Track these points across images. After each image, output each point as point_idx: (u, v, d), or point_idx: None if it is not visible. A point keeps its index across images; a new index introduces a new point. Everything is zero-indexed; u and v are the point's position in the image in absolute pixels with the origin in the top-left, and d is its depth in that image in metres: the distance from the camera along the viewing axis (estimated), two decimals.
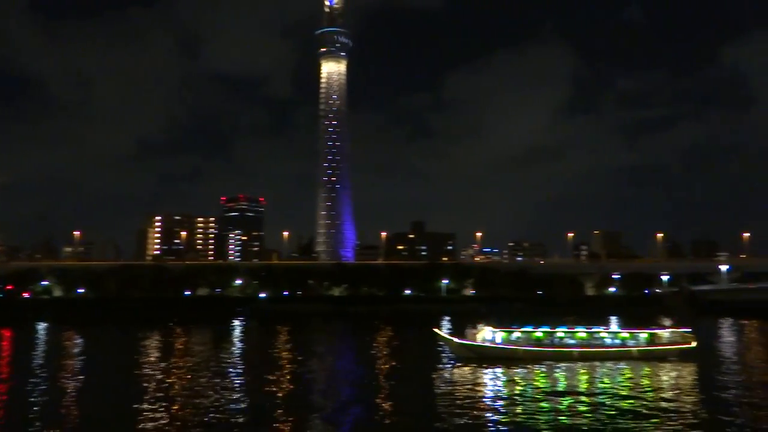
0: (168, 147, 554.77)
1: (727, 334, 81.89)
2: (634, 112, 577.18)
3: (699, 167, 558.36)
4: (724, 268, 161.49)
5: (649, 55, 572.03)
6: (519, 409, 33.60)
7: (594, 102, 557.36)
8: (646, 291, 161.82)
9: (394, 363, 53.69)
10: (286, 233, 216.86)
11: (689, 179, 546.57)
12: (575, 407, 33.86)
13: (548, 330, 53.48)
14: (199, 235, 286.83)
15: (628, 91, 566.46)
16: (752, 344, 70.22)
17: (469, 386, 40.44)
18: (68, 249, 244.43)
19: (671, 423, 30.27)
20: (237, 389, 40.61)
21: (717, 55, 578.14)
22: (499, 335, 53.16)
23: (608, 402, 35.17)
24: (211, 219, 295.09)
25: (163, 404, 34.81)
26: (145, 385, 41.26)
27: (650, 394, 37.57)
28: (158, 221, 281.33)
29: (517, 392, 38.92)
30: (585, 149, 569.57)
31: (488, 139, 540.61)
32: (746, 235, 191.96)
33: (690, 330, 55.78)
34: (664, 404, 34.48)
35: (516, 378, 43.68)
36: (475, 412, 32.64)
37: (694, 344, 53.61)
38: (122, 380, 45.02)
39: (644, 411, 32.85)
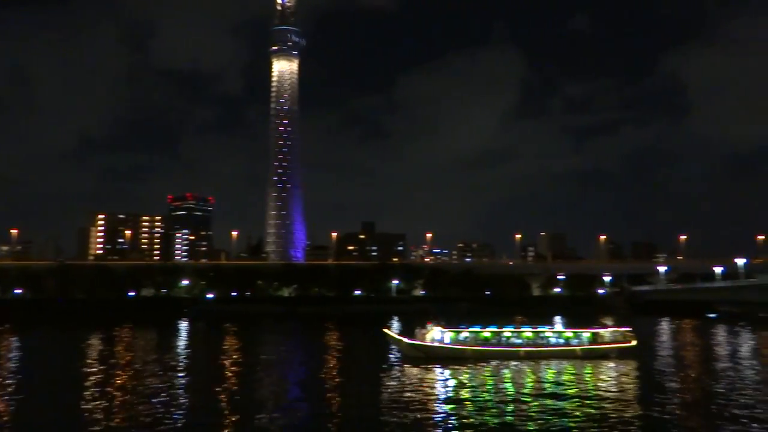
0: (112, 143, 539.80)
1: (664, 333, 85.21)
2: (580, 117, 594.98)
3: (641, 171, 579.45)
4: (662, 269, 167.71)
5: (594, 63, 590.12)
6: (466, 408, 34.07)
7: (542, 106, 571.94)
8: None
9: (343, 363, 53.64)
10: (234, 233, 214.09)
11: (631, 183, 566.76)
12: (520, 405, 34.55)
13: (495, 330, 54.42)
14: (144, 235, 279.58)
15: (574, 96, 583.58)
16: (686, 342, 73.24)
17: (417, 386, 40.73)
18: (5, 248, 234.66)
19: (612, 418, 31.22)
20: (181, 391, 39.75)
21: (657, 64, 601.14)
22: (448, 335, 53.76)
23: (552, 399, 36.01)
24: (157, 218, 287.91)
25: (103, 407, 33.75)
26: (85, 389, 39.91)
27: (592, 392, 38.67)
28: (101, 220, 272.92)
29: (464, 391, 39.43)
30: (533, 152, 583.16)
31: (439, 141, 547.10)
32: (683, 237, 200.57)
33: (630, 329, 57.77)
34: (605, 404, 35.45)
35: (463, 377, 44.27)
36: (422, 412, 32.89)
37: (634, 343, 55.52)
38: (61, 384, 43.46)
39: (586, 408, 33.76)
